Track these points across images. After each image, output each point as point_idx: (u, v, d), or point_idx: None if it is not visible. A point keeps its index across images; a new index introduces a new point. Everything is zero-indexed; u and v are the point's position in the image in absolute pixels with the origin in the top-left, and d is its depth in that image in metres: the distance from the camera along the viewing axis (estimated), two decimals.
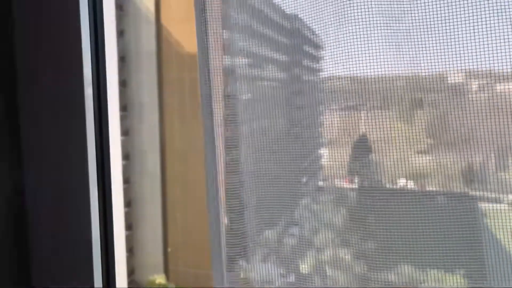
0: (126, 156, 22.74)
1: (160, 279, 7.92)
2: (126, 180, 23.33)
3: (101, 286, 1.31)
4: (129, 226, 22.97)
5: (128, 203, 23.22)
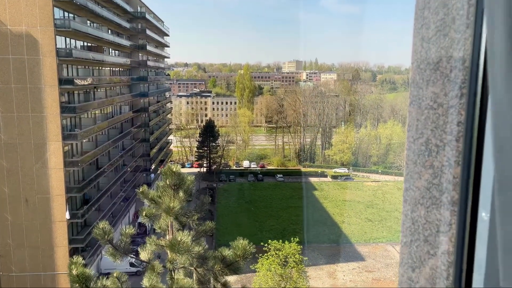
0: None
1: None
2: None
3: None
4: None
5: None
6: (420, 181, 1.04)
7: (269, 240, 37.04)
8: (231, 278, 7.20)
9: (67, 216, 35.17)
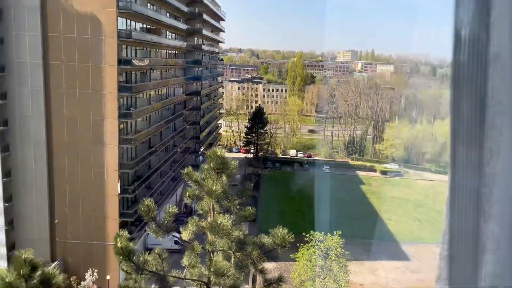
0: (4, 122, 20.52)
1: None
2: (5, 148, 21.18)
3: None
4: (8, 198, 21.06)
5: (7, 173, 21.17)
6: (468, 190, 0.89)
7: (311, 231, 36.83)
8: (270, 265, 7.23)
9: (118, 190, 36.96)
